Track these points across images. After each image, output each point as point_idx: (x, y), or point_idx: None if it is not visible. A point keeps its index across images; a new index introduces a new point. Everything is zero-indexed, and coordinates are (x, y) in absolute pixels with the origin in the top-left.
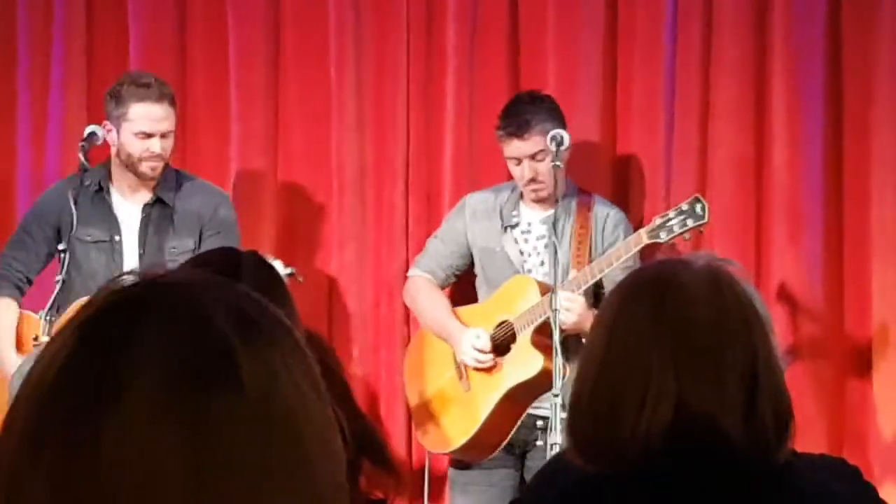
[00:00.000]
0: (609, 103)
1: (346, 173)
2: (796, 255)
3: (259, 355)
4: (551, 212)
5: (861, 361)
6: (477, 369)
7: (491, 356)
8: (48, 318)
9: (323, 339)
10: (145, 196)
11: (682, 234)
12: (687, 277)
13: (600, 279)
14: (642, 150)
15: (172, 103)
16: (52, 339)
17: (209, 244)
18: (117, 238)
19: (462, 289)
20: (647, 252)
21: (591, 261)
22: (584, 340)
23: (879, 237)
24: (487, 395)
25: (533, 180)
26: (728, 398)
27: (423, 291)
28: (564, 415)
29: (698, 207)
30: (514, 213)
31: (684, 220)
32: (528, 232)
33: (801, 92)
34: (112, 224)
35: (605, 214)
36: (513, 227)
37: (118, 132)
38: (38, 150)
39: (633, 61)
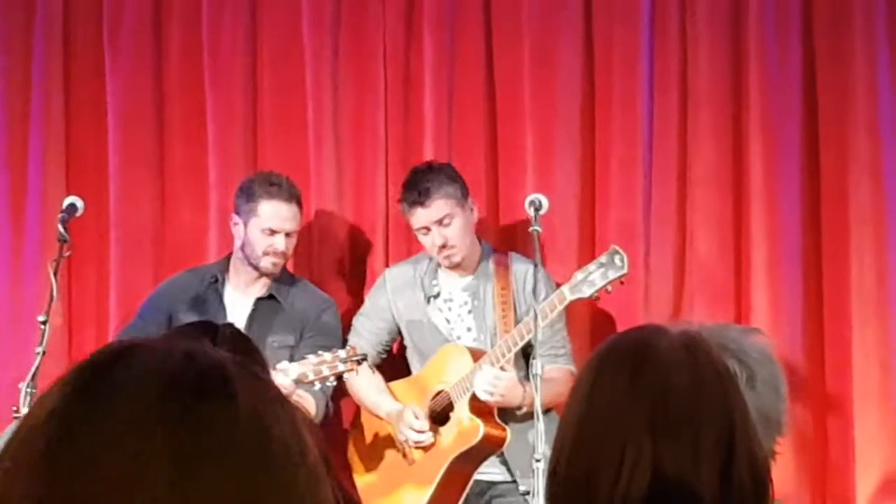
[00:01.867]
0: (587, 169)
1: (326, 237)
2: (776, 318)
3: (252, 378)
4: (469, 278)
5: (842, 421)
6: (417, 447)
7: (430, 434)
8: (28, 389)
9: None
10: (258, 290)
11: (604, 287)
12: (663, 345)
13: (529, 341)
14: (620, 215)
15: (300, 204)
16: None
17: (307, 344)
18: None
19: (394, 361)
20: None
21: (517, 321)
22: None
23: (858, 297)
24: (433, 468)
25: (444, 246)
26: (705, 465)
27: (359, 376)
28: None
29: (617, 259)
30: (434, 282)
31: (605, 272)
32: (451, 300)
33: (778, 155)
34: (220, 314)
35: (525, 272)
36: (435, 297)
37: (245, 227)
38: (17, 223)
39: (610, 128)
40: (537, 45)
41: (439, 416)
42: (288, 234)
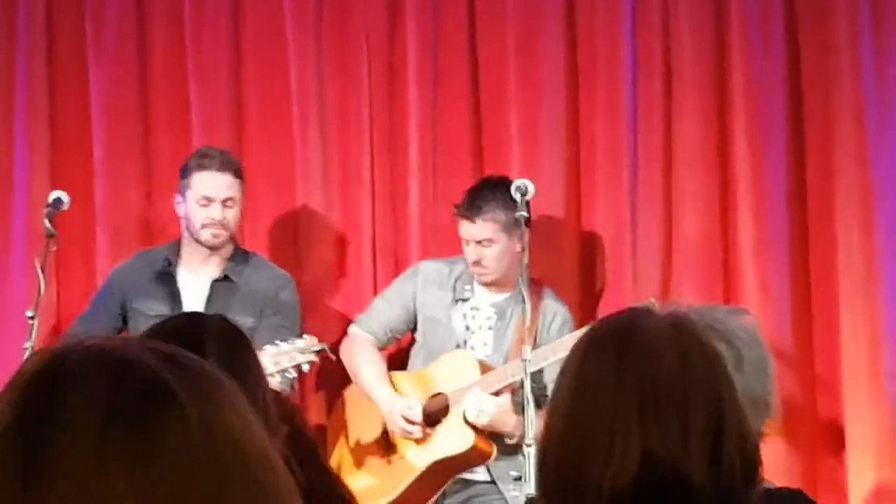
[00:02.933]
0: (573, 154)
1: (313, 228)
2: (764, 299)
3: (194, 385)
4: (502, 297)
5: (832, 402)
6: (403, 438)
7: (419, 428)
8: None
9: (290, 400)
10: (213, 272)
11: None
12: (650, 327)
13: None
14: (607, 199)
15: (237, 175)
16: None
17: (268, 324)
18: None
19: (395, 354)
20: None
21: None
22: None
23: (846, 278)
24: (412, 463)
25: (477, 263)
26: (694, 446)
27: (362, 351)
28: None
29: None
30: (468, 287)
31: None
32: (477, 310)
33: (763, 136)
34: (175, 299)
35: (554, 312)
36: (463, 300)
37: (185, 203)
38: (3, 216)
39: (595, 113)
40: (521, 31)
41: (431, 418)
42: (225, 204)
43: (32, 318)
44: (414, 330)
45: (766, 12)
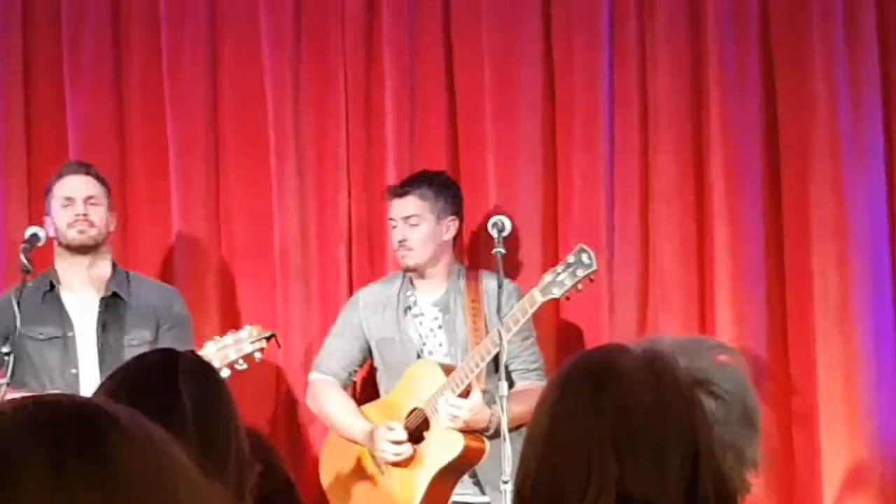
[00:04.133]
0: (549, 186)
1: (289, 264)
2: (740, 333)
3: (126, 411)
4: (440, 294)
5: (808, 435)
6: (396, 463)
7: (409, 446)
8: None
9: (265, 439)
10: (98, 291)
11: (574, 285)
12: (625, 363)
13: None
14: (583, 231)
15: (98, 179)
16: None
17: (166, 337)
18: (70, 334)
19: (363, 386)
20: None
21: (487, 333)
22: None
23: (822, 312)
24: (414, 485)
25: (401, 243)
26: (670, 484)
27: (328, 396)
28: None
29: (584, 257)
30: (409, 293)
31: (573, 271)
32: (422, 315)
33: (739, 169)
34: (64, 320)
35: (495, 287)
36: (409, 308)
37: (51, 214)
38: None
39: (572, 144)
40: (497, 64)
41: (415, 434)
42: (88, 202)
43: (8, 354)
44: (371, 356)
45: (742, 46)
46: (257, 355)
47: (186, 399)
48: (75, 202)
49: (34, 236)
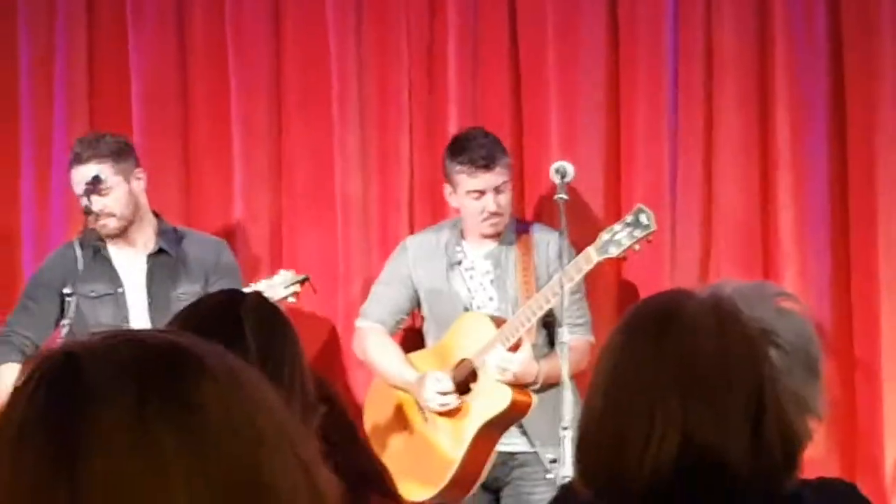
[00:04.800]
0: (612, 136)
1: (351, 208)
2: (804, 283)
3: (213, 350)
4: (493, 246)
5: (871, 386)
6: (442, 413)
7: (456, 397)
8: None
9: (329, 383)
10: (145, 247)
11: (631, 246)
12: (690, 309)
13: (550, 310)
14: (646, 182)
15: (104, 157)
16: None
17: (215, 289)
18: (120, 290)
19: (408, 336)
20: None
21: (538, 289)
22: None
23: (886, 262)
24: (460, 435)
25: (495, 213)
26: (734, 430)
27: (375, 343)
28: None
29: (643, 217)
30: (458, 249)
31: (631, 231)
32: (473, 268)
33: (804, 119)
34: (114, 277)
35: (547, 241)
36: (458, 263)
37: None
38: (42, 195)
39: (635, 95)
40: (561, 13)
41: (462, 386)
42: (100, 193)
43: (70, 295)
44: (419, 307)
45: None
46: (291, 299)
47: (251, 339)
48: (93, 198)
49: (96, 178)
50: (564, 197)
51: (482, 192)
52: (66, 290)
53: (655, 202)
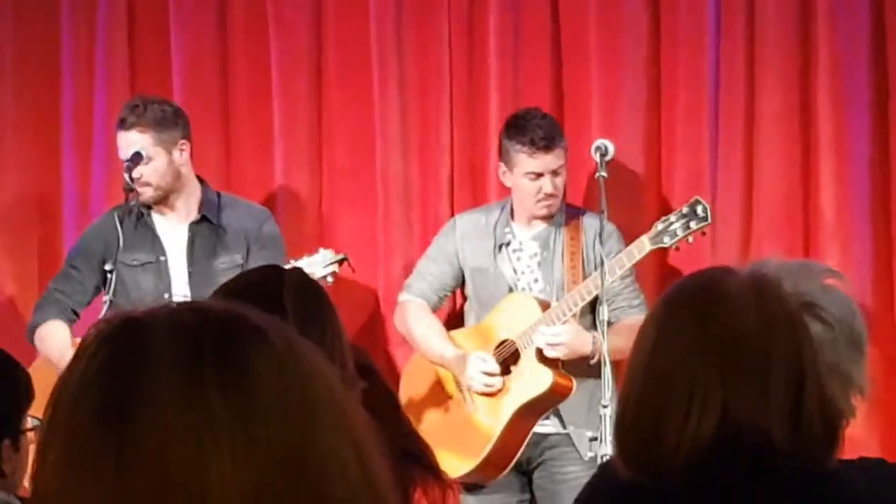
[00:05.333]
0: (653, 114)
1: (392, 187)
2: (846, 262)
3: (272, 320)
4: (541, 228)
5: None
6: (483, 392)
7: (499, 378)
8: None
9: (369, 354)
10: (190, 216)
11: (685, 237)
12: (732, 286)
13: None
14: (687, 160)
15: (146, 128)
16: (74, 360)
17: (257, 259)
18: (162, 259)
19: (448, 314)
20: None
21: (585, 275)
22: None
23: None
24: (497, 415)
25: (551, 195)
26: (775, 406)
27: (417, 317)
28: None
29: (699, 209)
30: (507, 230)
31: (687, 222)
32: (521, 250)
33: (846, 98)
34: (156, 245)
35: (595, 225)
36: (506, 245)
37: None
38: (83, 171)
39: (676, 73)
40: None
41: (503, 366)
42: (146, 162)
43: (111, 271)
44: (462, 285)
45: None
46: (329, 279)
47: (291, 314)
48: (136, 168)
49: (137, 154)
50: (605, 175)
51: (539, 174)
52: (107, 267)
53: (696, 180)
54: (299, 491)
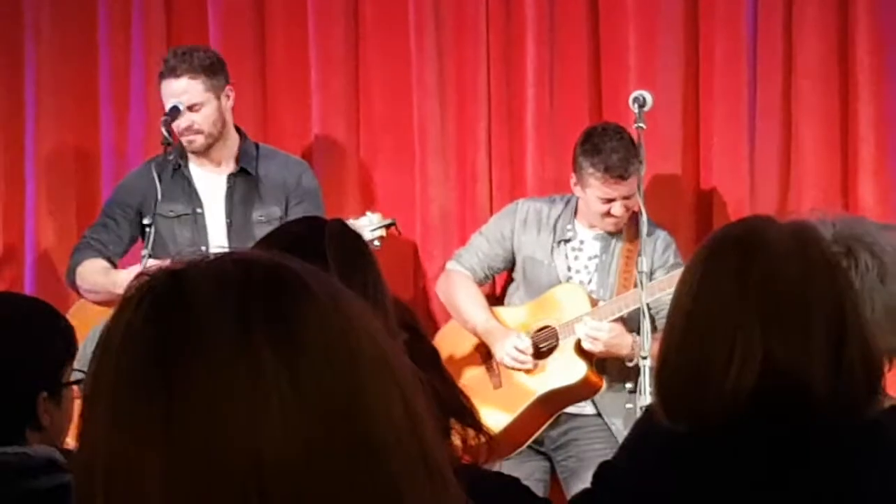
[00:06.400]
0: (691, 65)
1: (428, 138)
2: (884, 212)
3: (316, 272)
4: (603, 231)
5: None
6: (512, 369)
7: (530, 358)
8: None
9: (410, 308)
10: (228, 167)
11: None
12: (772, 234)
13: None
14: (725, 110)
15: (196, 74)
16: (118, 310)
17: (295, 212)
18: (199, 211)
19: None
20: None
21: (637, 281)
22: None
23: None
24: (520, 396)
25: (615, 215)
26: (816, 354)
27: (462, 288)
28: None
29: None
30: (569, 227)
31: None
32: (580, 249)
33: (885, 47)
34: (193, 197)
35: (656, 236)
36: (566, 241)
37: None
38: (120, 125)
39: (713, 23)
40: None
41: (538, 350)
42: (192, 109)
43: (150, 225)
44: (511, 269)
45: None
46: (377, 243)
47: (333, 265)
48: (184, 115)
49: (174, 109)
50: (643, 126)
51: (611, 199)
52: (146, 221)
53: (733, 131)
54: (350, 440)
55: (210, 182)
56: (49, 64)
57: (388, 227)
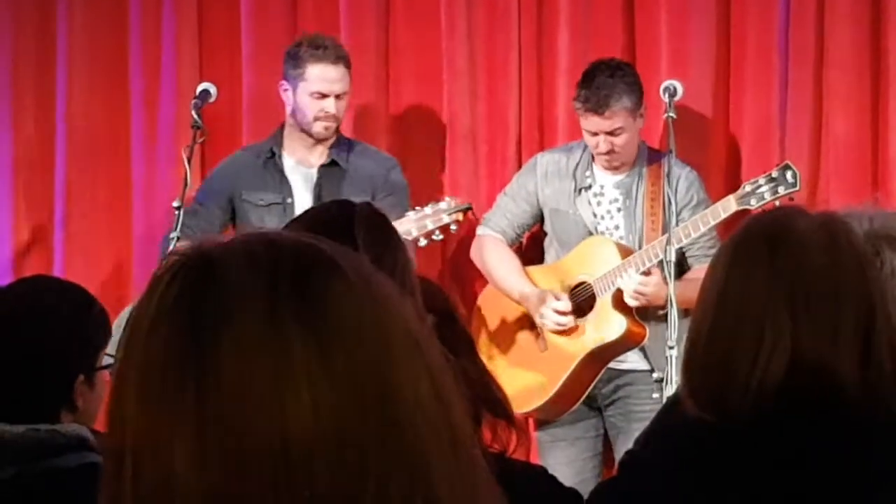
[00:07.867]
0: (722, 55)
1: (458, 126)
2: None
3: (346, 252)
4: (623, 175)
5: None
6: (555, 332)
7: (572, 319)
8: None
9: (443, 291)
10: (319, 159)
11: (772, 201)
12: (802, 226)
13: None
14: (756, 100)
15: (348, 66)
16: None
17: (382, 205)
18: (290, 200)
19: (528, 247)
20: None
21: (664, 223)
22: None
23: None
24: (567, 356)
25: (609, 153)
26: (844, 347)
27: (494, 252)
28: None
29: (789, 174)
30: (588, 174)
31: (775, 187)
32: (601, 195)
33: None
34: (284, 187)
35: (678, 175)
36: (586, 188)
37: (294, 92)
38: (150, 108)
39: (746, 13)
40: None
41: (578, 308)
42: (338, 97)
43: (178, 208)
44: (542, 223)
45: None
46: (453, 227)
47: (363, 246)
48: (328, 99)
49: (205, 92)
50: (673, 115)
51: (594, 133)
52: (235, 204)
53: (764, 121)
54: (378, 419)
55: (301, 173)
56: (80, 45)
57: (465, 211)
